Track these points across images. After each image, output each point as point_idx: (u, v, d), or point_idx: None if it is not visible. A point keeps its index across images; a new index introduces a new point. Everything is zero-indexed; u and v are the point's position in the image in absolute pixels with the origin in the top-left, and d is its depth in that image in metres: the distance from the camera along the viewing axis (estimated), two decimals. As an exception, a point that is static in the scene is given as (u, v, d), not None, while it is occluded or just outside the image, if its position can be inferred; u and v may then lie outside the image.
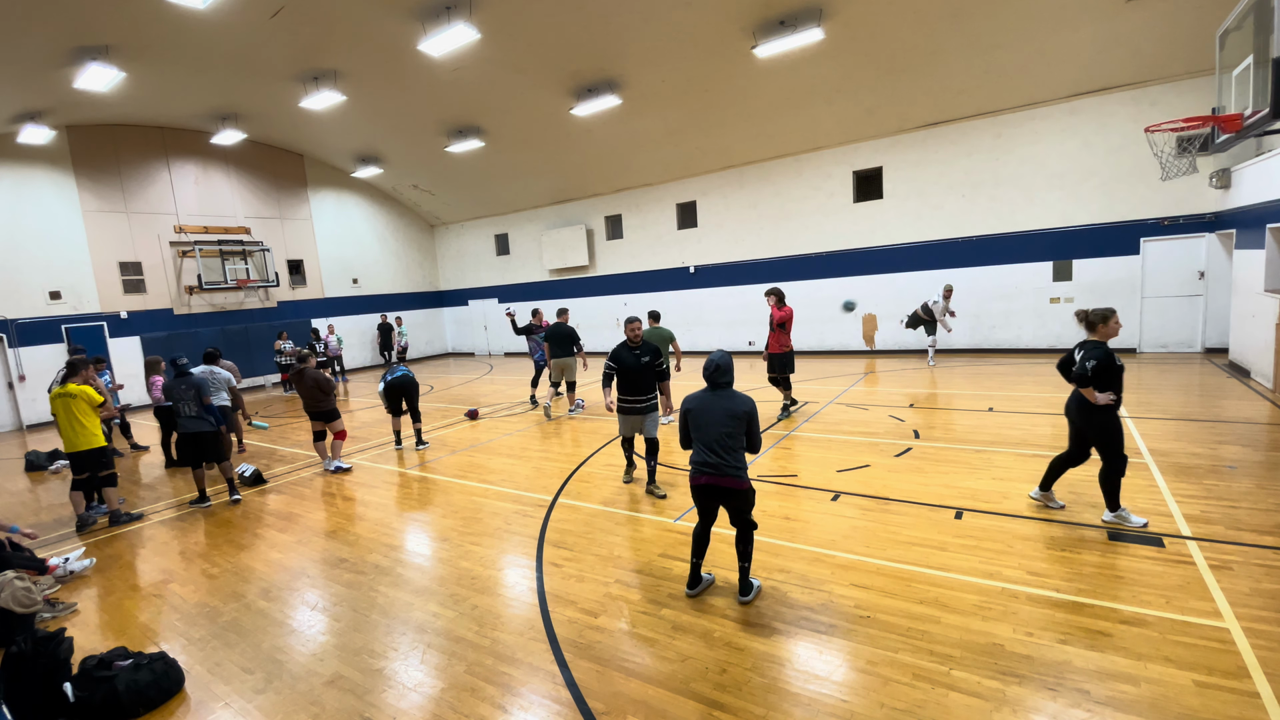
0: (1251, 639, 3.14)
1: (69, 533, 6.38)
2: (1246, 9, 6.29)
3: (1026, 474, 5.78)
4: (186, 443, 6.85)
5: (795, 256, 15.29)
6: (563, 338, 9.76)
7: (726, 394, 3.86)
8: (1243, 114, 6.40)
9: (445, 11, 9.91)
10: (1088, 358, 4.32)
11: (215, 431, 6.84)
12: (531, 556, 4.85)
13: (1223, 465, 5.63)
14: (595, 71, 12.32)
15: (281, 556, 5.29)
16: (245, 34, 10.76)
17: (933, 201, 13.36)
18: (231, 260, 16.88)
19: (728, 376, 3.88)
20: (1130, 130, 10.86)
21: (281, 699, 3.31)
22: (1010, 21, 10.04)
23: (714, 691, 3.08)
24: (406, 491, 6.93)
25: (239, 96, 13.98)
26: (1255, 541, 4.16)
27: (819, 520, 5.09)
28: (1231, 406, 7.65)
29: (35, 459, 9.50)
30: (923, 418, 8.13)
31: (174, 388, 6.73)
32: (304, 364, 7.78)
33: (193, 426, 6.73)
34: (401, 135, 16.35)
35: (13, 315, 13.46)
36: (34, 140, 13.32)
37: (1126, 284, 11.69)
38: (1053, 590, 3.73)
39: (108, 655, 3.50)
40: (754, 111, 13.36)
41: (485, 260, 21.85)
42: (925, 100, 12.31)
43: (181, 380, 6.75)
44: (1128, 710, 2.73)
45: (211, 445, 6.83)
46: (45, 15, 9.50)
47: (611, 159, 16.32)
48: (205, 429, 6.75)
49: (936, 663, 3.15)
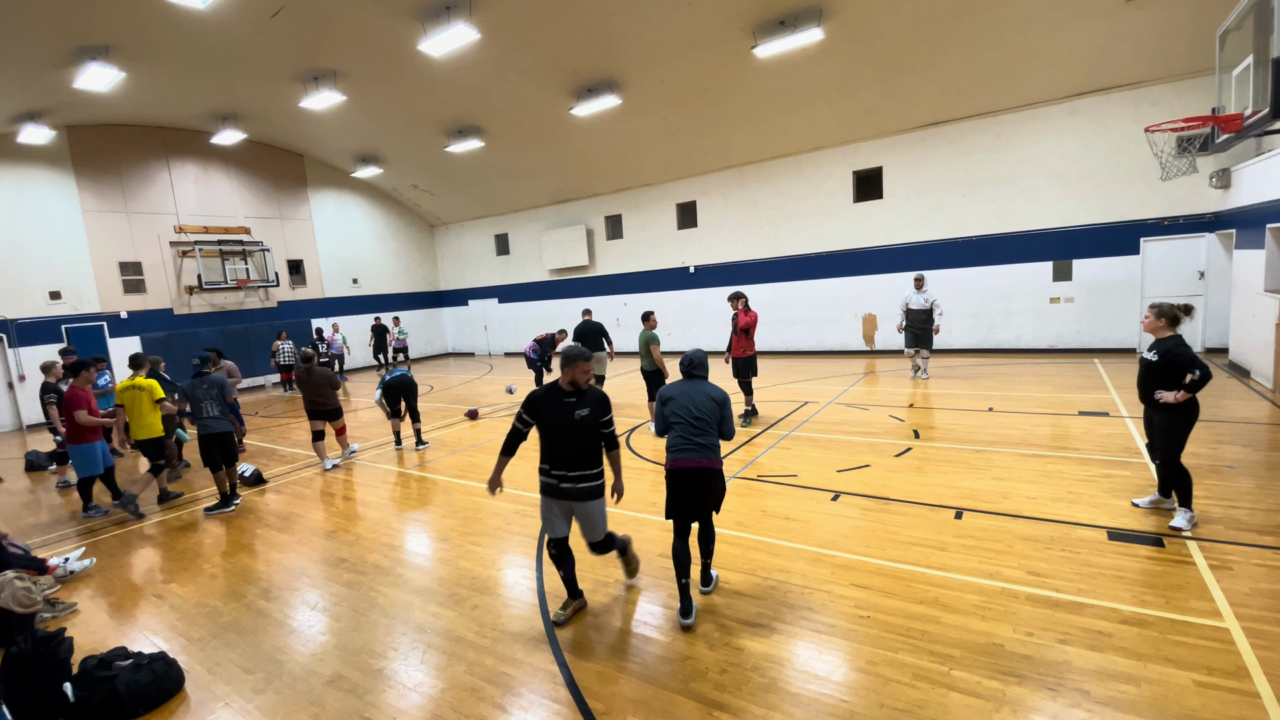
0: (1251, 639, 3.14)
1: (69, 533, 6.39)
2: (1246, 9, 6.29)
3: (1026, 474, 5.78)
4: (211, 443, 6.65)
5: (795, 256, 15.29)
6: (592, 334, 10.11)
7: (704, 383, 3.94)
8: (1243, 114, 6.41)
9: (445, 11, 9.91)
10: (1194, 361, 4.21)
11: (233, 431, 6.81)
12: (531, 556, 4.85)
13: (1223, 465, 5.63)
14: (595, 71, 12.32)
15: (281, 556, 5.29)
16: (245, 34, 10.76)
17: (932, 201, 13.36)
18: (231, 260, 16.88)
19: (703, 370, 3.97)
20: (1130, 130, 10.86)
21: (281, 699, 3.31)
22: (1010, 21, 10.04)
23: (714, 691, 3.08)
24: (406, 491, 6.93)
25: (239, 96, 13.98)
26: (1255, 541, 4.16)
27: (819, 520, 5.09)
28: (1231, 406, 7.65)
29: (35, 459, 9.50)
30: (923, 418, 8.13)
31: (194, 388, 6.68)
32: (309, 362, 7.93)
33: (217, 427, 6.65)
34: (401, 135, 16.35)
35: (13, 315, 13.46)
36: (34, 140, 13.32)
37: (1126, 284, 11.69)
38: (1053, 590, 3.73)
39: (108, 655, 3.50)
40: (754, 111, 13.36)
41: (485, 260, 21.85)
42: (925, 100, 12.31)
43: (201, 380, 6.70)
44: (1128, 710, 2.73)
45: (232, 445, 6.79)
46: (45, 15, 9.51)
47: (611, 159, 16.32)
48: (228, 428, 6.71)
49: (936, 663, 3.15)
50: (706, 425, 3.77)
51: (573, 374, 3.63)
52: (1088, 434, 6.85)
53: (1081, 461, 5.98)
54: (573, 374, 3.63)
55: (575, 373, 3.62)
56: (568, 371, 3.64)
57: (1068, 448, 6.44)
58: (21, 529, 6.63)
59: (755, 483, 6.13)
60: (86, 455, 6.73)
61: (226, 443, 6.71)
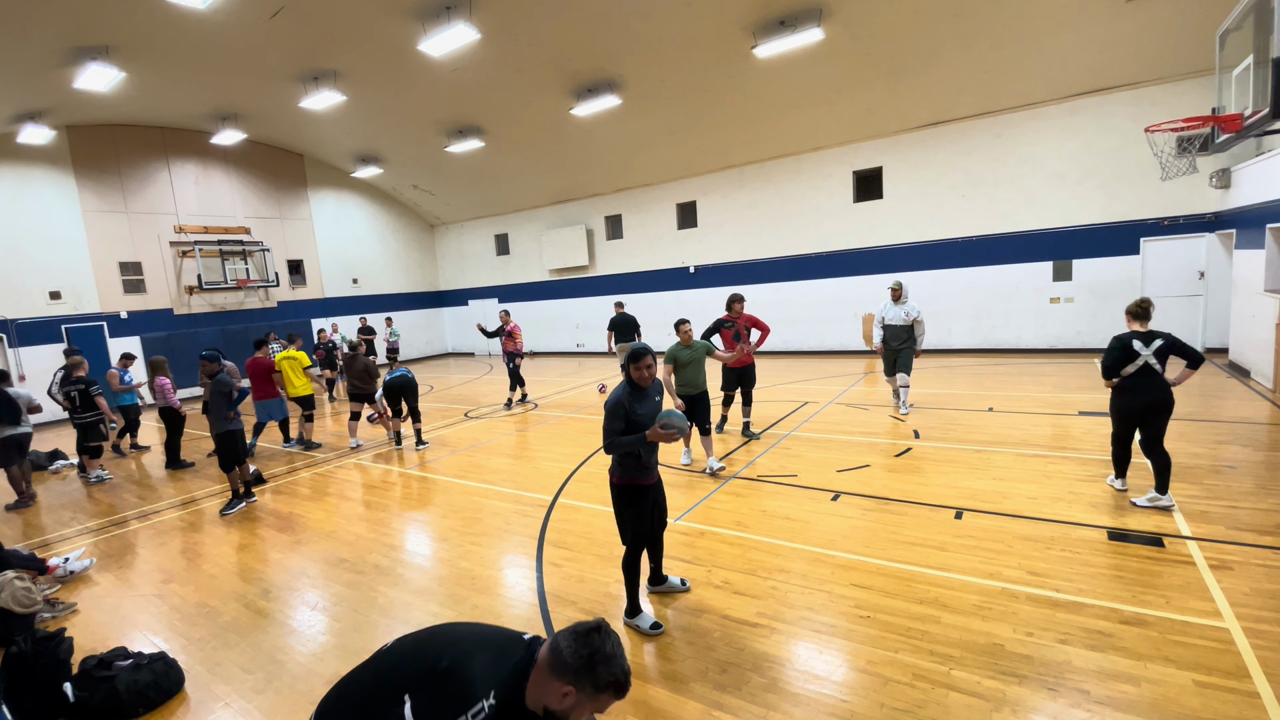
0: (1251, 639, 3.14)
1: (69, 532, 6.40)
2: (1246, 9, 6.30)
3: (1026, 474, 5.78)
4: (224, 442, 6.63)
5: (795, 256, 15.29)
6: (625, 326, 11.55)
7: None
8: (1243, 114, 6.41)
9: (445, 11, 9.91)
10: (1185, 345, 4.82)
11: (242, 430, 6.77)
12: (531, 556, 4.85)
13: (1223, 465, 5.63)
14: (595, 71, 12.33)
15: (281, 556, 5.29)
16: (245, 34, 10.76)
17: (933, 201, 13.36)
18: (231, 260, 16.88)
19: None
20: (1130, 130, 10.86)
21: (281, 699, 3.31)
22: (1010, 21, 10.04)
23: (714, 692, 3.08)
24: (406, 491, 6.93)
25: (239, 96, 13.98)
26: (1255, 541, 4.16)
27: (819, 520, 5.09)
28: (1231, 406, 7.65)
29: (35, 459, 9.49)
30: (922, 418, 8.13)
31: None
32: (356, 351, 9.21)
33: (231, 425, 6.64)
34: (401, 135, 16.35)
35: (13, 315, 13.46)
36: (34, 140, 13.32)
37: (1126, 284, 11.69)
38: (1053, 590, 3.73)
39: (108, 655, 3.50)
40: (754, 111, 13.36)
41: (485, 260, 21.85)
42: (925, 100, 12.31)
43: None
44: (1128, 710, 2.73)
45: (244, 443, 6.78)
46: (45, 15, 9.51)
47: (611, 159, 16.32)
48: (240, 427, 6.68)
49: (936, 663, 3.15)
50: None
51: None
52: (1088, 434, 6.85)
53: (1081, 461, 5.98)
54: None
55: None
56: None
57: (1068, 448, 6.44)
58: (22, 529, 6.64)
59: (755, 483, 6.13)
60: (268, 406, 8.96)
61: (239, 439, 6.67)
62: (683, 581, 4.10)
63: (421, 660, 1.63)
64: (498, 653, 1.67)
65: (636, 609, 3.70)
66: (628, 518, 3.64)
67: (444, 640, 1.72)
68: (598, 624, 1.65)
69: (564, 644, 1.60)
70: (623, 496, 3.64)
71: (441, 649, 1.66)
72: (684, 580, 4.12)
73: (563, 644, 1.60)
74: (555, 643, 1.62)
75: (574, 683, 1.57)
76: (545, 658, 1.62)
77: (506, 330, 11.33)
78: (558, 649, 1.60)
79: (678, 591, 4.04)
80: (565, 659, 1.58)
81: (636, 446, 3.51)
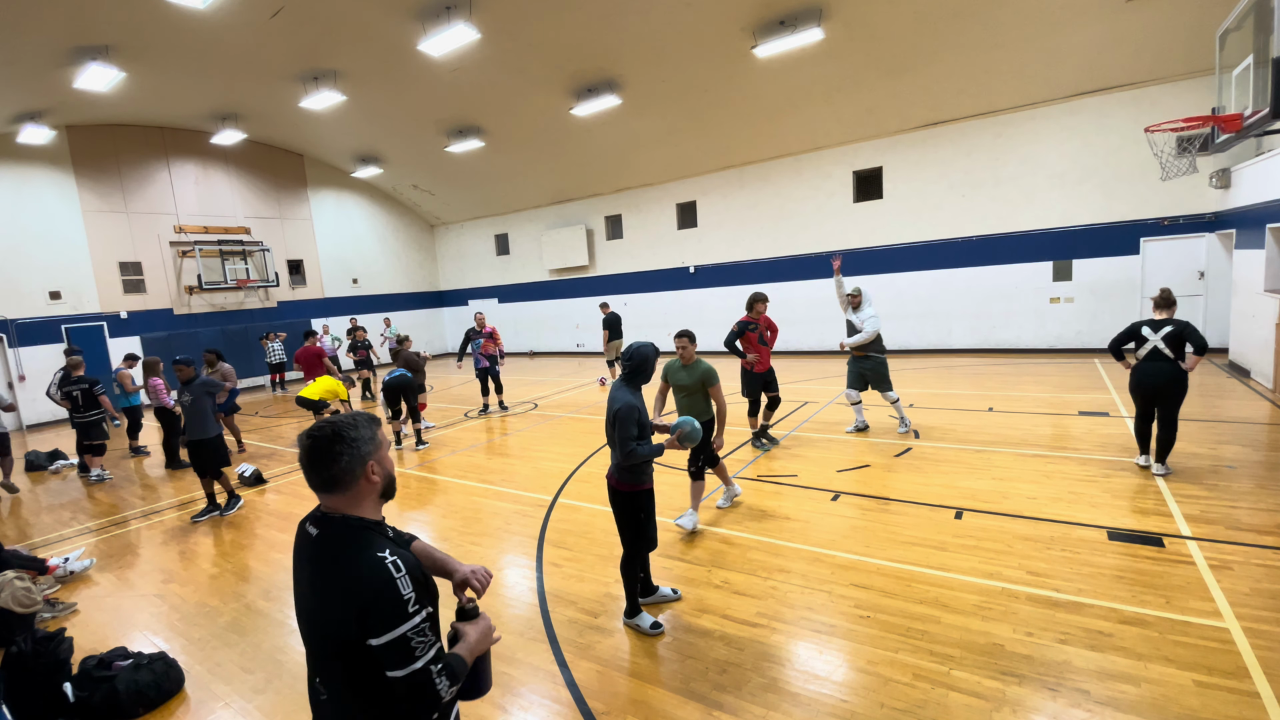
0: (1251, 639, 3.14)
1: (69, 533, 6.40)
2: (1246, 9, 6.29)
3: (1026, 474, 5.78)
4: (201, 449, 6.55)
5: (795, 256, 15.29)
6: (616, 324, 12.63)
7: (621, 389, 3.63)
8: (1243, 114, 6.40)
9: (445, 11, 9.91)
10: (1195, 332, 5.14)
11: (221, 435, 6.69)
12: (531, 556, 4.85)
13: (1223, 465, 5.63)
14: (595, 71, 12.32)
15: (282, 556, 5.28)
16: (245, 34, 10.76)
17: (933, 201, 13.35)
18: (231, 260, 16.88)
19: (631, 371, 3.63)
20: (1130, 130, 10.85)
21: (281, 699, 3.31)
22: (1010, 21, 10.04)
23: (714, 691, 3.08)
24: (406, 491, 6.92)
25: (239, 96, 13.98)
26: (1255, 541, 4.16)
27: (819, 520, 5.09)
28: (1231, 406, 7.65)
29: (35, 459, 9.50)
30: (922, 417, 8.13)
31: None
32: (402, 345, 9.65)
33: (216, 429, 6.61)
34: (401, 135, 16.35)
35: (13, 315, 13.46)
36: (34, 140, 13.32)
37: (1126, 284, 11.69)
38: (1053, 590, 3.73)
39: (108, 655, 3.50)
40: (754, 111, 13.36)
41: (485, 260, 21.85)
42: (925, 100, 12.30)
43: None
44: (1128, 710, 2.73)
45: (224, 448, 6.67)
46: (45, 15, 9.51)
47: (611, 159, 16.32)
48: (219, 431, 6.62)
49: (936, 663, 3.15)
50: (610, 438, 3.62)
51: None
52: (1088, 434, 6.85)
53: (1081, 461, 5.98)
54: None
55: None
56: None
57: (1068, 448, 6.45)
58: (22, 529, 6.64)
59: (755, 482, 6.13)
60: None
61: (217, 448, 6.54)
62: (674, 590, 4.03)
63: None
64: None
65: (636, 609, 3.70)
66: (645, 524, 3.63)
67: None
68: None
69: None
70: (637, 502, 3.61)
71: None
72: (675, 589, 4.04)
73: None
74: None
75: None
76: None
77: (486, 332, 10.77)
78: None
79: (669, 601, 3.97)
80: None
81: (654, 456, 3.53)
